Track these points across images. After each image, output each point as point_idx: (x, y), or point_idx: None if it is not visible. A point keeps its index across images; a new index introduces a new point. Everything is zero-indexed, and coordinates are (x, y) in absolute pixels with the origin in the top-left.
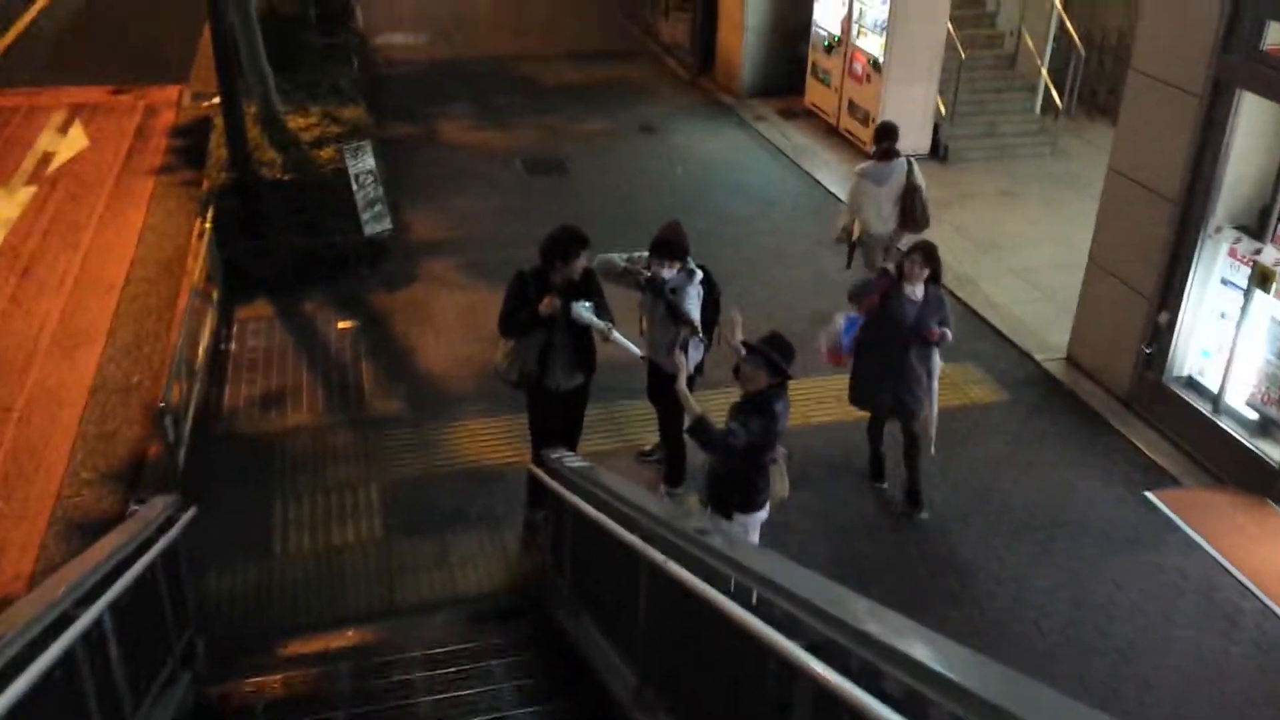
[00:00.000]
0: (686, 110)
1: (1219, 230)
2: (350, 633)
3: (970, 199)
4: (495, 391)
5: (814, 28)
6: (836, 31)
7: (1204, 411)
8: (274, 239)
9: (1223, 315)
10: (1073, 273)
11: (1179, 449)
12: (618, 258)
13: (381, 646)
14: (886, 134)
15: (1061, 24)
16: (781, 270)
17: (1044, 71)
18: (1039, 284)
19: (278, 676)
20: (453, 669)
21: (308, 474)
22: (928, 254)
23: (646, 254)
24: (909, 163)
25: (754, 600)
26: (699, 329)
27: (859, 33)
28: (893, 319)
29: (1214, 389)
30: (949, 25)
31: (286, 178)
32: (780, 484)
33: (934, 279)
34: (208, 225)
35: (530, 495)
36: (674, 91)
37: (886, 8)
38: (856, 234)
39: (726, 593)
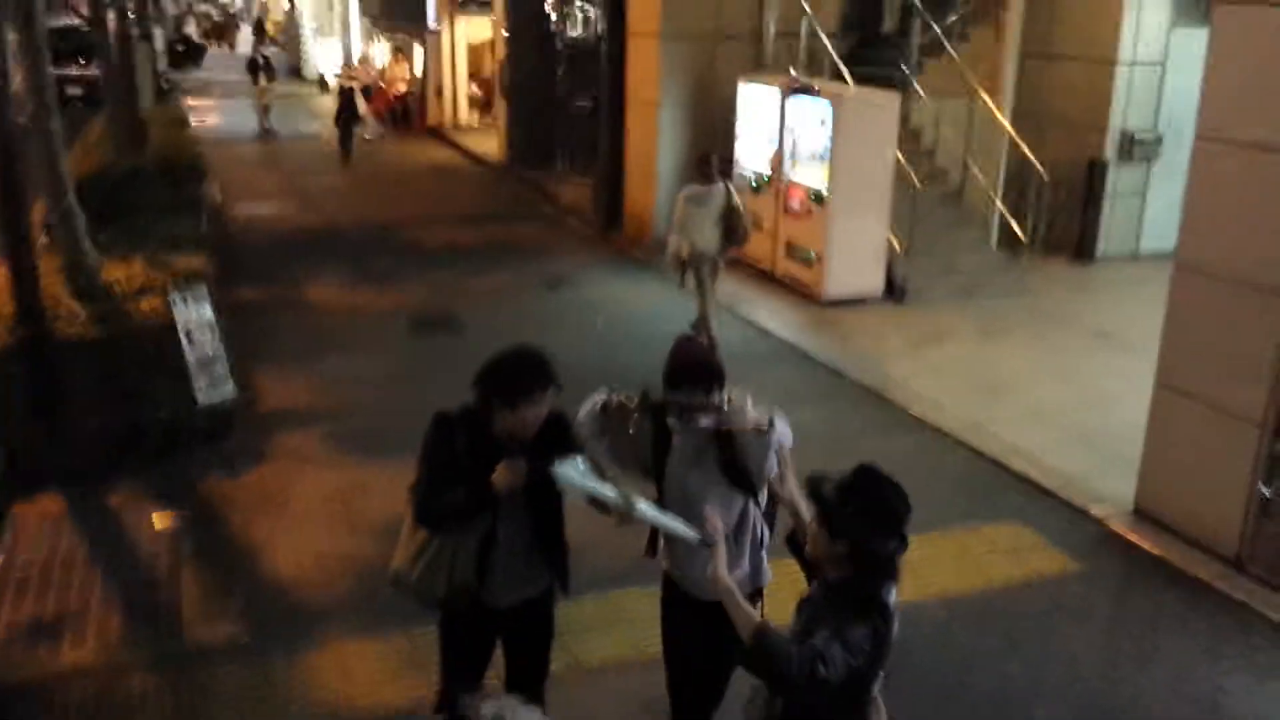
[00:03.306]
0: (597, 265)
1: None
2: None
3: (946, 339)
4: (379, 600)
5: (736, 170)
6: (765, 169)
7: None
8: (75, 417)
9: None
10: (1096, 412)
11: None
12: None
13: None
14: (705, 161)
15: (1013, 153)
16: None
17: (999, 204)
18: (1062, 426)
19: None
20: None
21: None
22: None
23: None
24: (727, 186)
25: None
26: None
27: (794, 165)
28: None
29: None
30: (897, 154)
31: (93, 335)
32: None
33: None
34: None
35: None
36: (580, 247)
37: (827, 132)
38: (685, 254)
39: None
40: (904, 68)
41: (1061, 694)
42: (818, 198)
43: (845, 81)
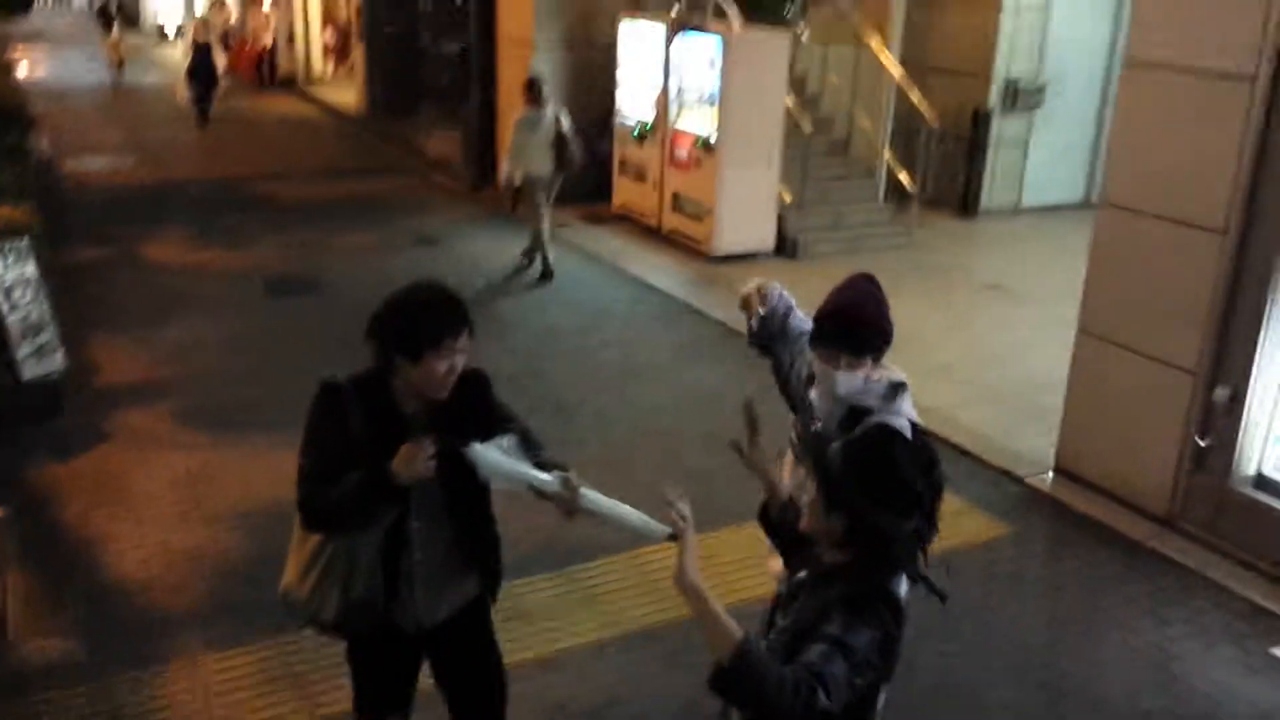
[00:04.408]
0: (471, 221)
1: None
2: None
3: None
4: (240, 603)
5: (617, 118)
6: (648, 117)
7: None
8: None
9: None
10: (999, 366)
11: (1272, 578)
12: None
13: None
14: (532, 85)
15: (900, 103)
16: (639, 388)
17: (886, 155)
18: (967, 382)
19: None
20: None
21: None
22: None
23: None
24: (556, 112)
25: None
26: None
27: (680, 112)
28: None
29: None
30: (787, 100)
31: None
32: None
33: None
34: None
35: None
36: (450, 204)
37: (716, 73)
38: (519, 181)
39: None
40: (789, 10)
41: (1012, 672)
42: (706, 145)
43: (731, 20)
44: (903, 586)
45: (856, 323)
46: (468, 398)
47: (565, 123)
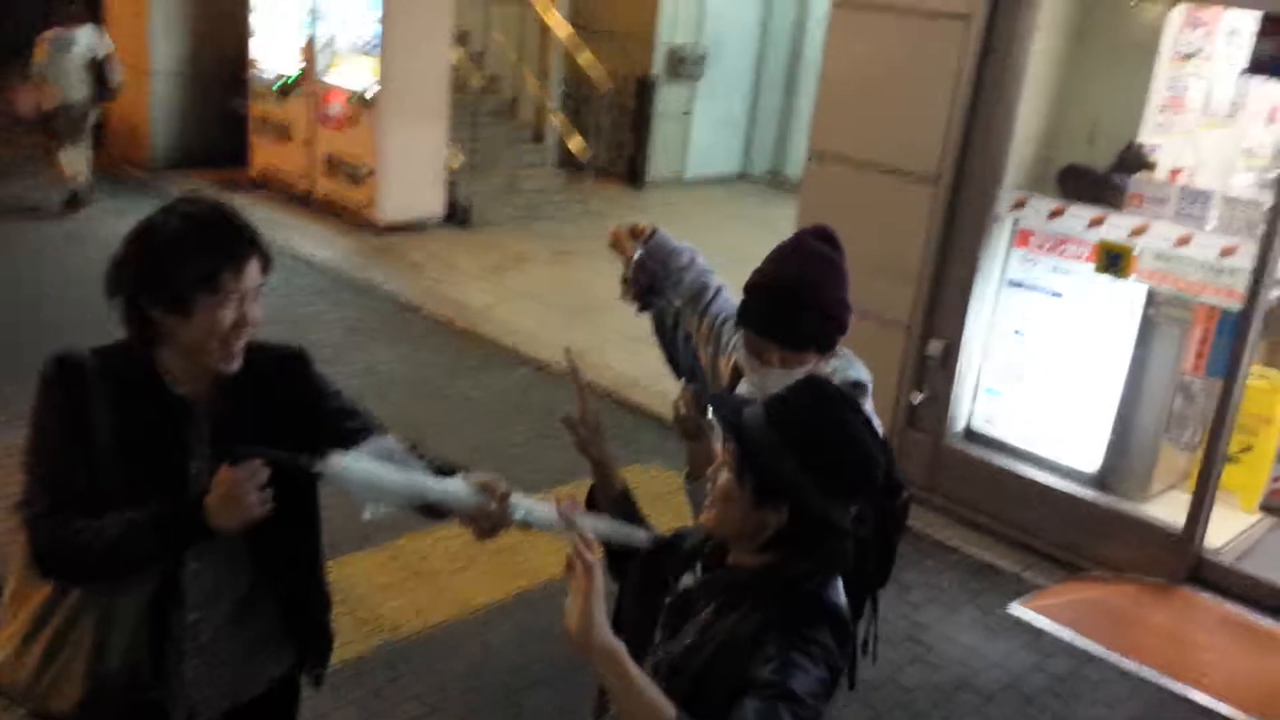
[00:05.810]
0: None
1: (1020, 205)
2: None
3: (524, 262)
4: None
5: (252, 70)
6: (292, 69)
7: (1022, 474)
8: None
9: (1018, 332)
10: None
11: (994, 535)
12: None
13: None
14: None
15: (568, 68)
16: (334, 371)
17: (556, 119)
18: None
19: None
20: None
21: None
22: None
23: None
24: (94, 29)
25: None
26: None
27: (332, 63)
28: None
29: (1014, 440)
30: (452, 53)
31: None
32: None
33: None
34: None
35: None
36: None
37: (376, 20)
38: (49, 107)
39: None
40: None
41: None
42: (363, 100)
43: None
44: (840, 593)
45: (794, 304)
46: (274, 375)
47: (104, 44)
